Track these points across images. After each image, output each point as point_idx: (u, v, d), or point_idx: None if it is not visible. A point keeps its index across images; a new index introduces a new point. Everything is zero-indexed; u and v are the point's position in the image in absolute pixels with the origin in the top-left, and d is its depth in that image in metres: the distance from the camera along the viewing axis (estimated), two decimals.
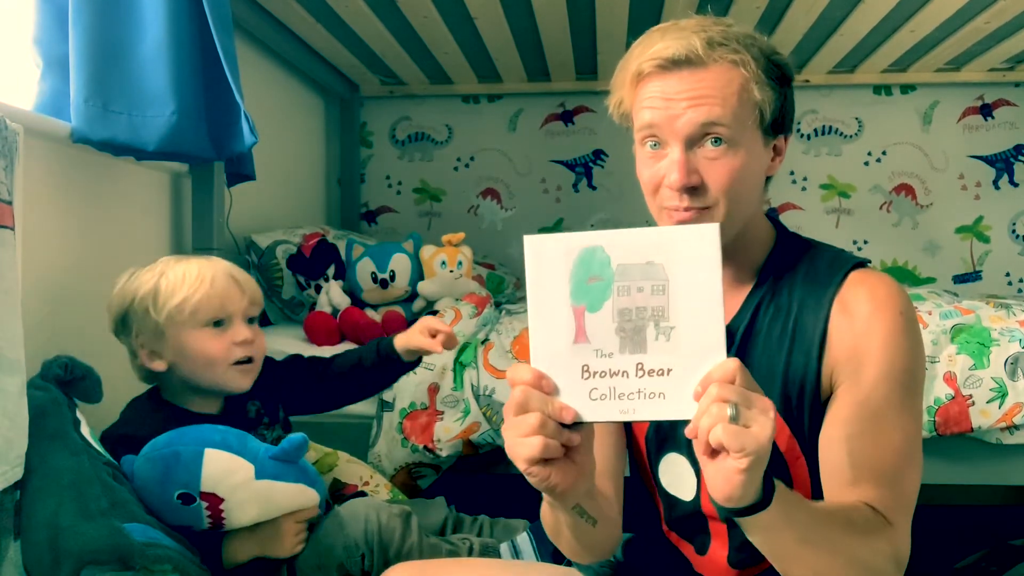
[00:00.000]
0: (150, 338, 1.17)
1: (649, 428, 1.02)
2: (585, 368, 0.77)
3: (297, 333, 1.90)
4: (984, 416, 1.57)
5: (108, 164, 1.44)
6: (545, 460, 0.75)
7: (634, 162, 0.96)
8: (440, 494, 1.50)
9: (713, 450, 0.71)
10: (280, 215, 2.39)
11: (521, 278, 2.74)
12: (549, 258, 0.78)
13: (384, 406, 1.71)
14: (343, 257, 2.01)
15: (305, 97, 2.73)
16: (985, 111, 2.84)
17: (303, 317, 1.94)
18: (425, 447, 1.65)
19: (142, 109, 1.33)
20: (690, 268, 0.75)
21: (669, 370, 0.75)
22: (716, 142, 0.89)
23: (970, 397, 1.57)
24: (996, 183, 2.85)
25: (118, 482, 1.02)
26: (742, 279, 0.99)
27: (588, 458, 0.79)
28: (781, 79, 0.92)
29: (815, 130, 2.89)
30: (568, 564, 1.14)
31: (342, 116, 2.95)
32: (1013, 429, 1.58)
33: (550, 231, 2.99)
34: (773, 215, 1.06)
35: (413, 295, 1.95)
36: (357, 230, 2.91)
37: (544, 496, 0.84)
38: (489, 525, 1.41)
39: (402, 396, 1.69)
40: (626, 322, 0.76)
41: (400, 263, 1.92)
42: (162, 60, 1.32)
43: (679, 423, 0.85)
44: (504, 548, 1.32)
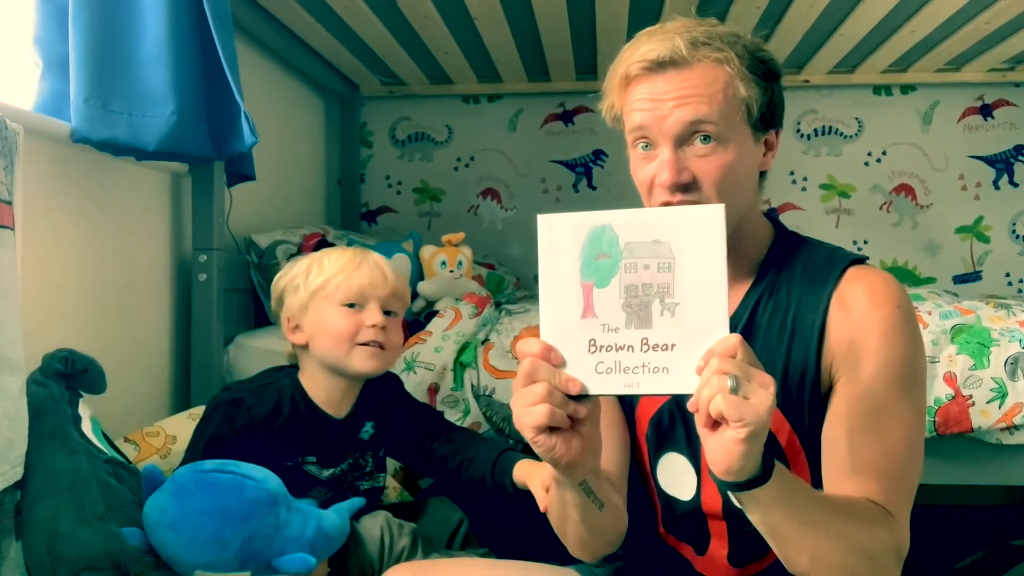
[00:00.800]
0: (296, 311, 1.26)
1: (649, 427, 1.03)
2: (592, 342, 0.78)
3: None
4: (984, 416, 1.57)
5: (108, 164, 1.45)
6: (551, 430, 0.76)
7: None
8: (440, 494, 1.50)
9: (714, 423, 0.72)
10: (280, 215, 2.39)
11: (521, 278, 2.75)
12: (560, 236, 0.80)
13: None
14: None
15: (305, 97, 2.73)
16: (985, 111, 2.84)
17: None
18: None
19: (142, 109, 1.33)
20: (695, 247, 0.76)
21: (673, 345, 0.76)
22: (705, 139, 0.90)
23: (970, 397, 1.57)
24: (996, 183, 2.84)
25: (119, 481, 1.02)
26: (740, 275, 1.00)
27: (595, 432, 0.80)
28: (767, 75, 0.93)
29: (815, 130, 2.89)
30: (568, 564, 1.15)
31: (342, 116, 2.95)
32: (1013, 429, 1.58)
33: None
34: (773, 214, 1.06)
35: (413, 295, 1.95)
36: (357, 230, 2.91)
37: (553, 476, 0.86)
38: None
39: None
40: (632, 298, 0.78)
41: (400, 263, 1.92)
42: (162, 60, 1.32)
43: (678, 421, 0.86)
44: None
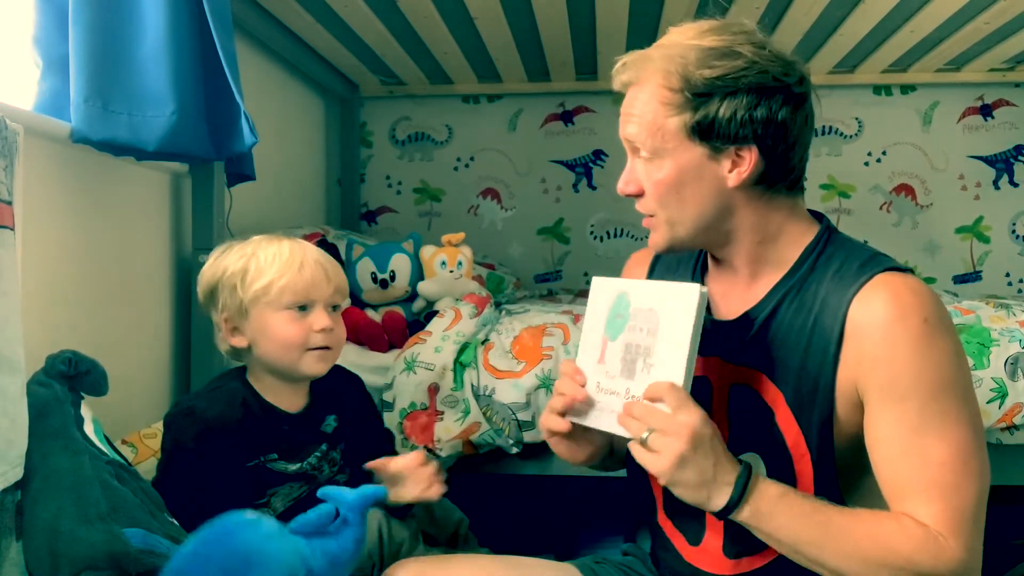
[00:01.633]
0: (234, 314, 1.19)
1: (732, 420, 1.04)
2: (598, 384, 0.97)
3: None
4: (984, 416, 1.57)
5: (108, 164, 1.44)
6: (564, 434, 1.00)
7: None
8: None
9: None
10: (280, 215, 2.39)
11: (521, 278, 2.76)
12: (598, 296, 1.00)
13: (384, 406, 1.71)
14: (343, 257, 2.01)
15: (305, 97, 2.73)
16: (985, 111, 2.84)
17: None
18: (425, 447, 1.65)
19: (142, 109, 1.33)
20: (673, 317, 0.90)
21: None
22: (646, 154, 0.97)
23: None
24: (996, 183, 2.85)
25: (121, 482, 1.02)
26: (765, 270, 1.01)
27: (598, 442, 1.04)
28: (718, 89, 0.92)
29: (815, 130, 2.89)
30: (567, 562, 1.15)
31: (342, 116, 2.95)
32: (1013, 429, 1.58)
33: (550, 231, 3.00)
34: (817, 213, 1.07)
35: (413, 295, 1.95)
36: (357, 230, 2.91)
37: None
38: None
39: (402, 396, 1.69)
40: (628, 354, 0.94)
41: (400, 263, 1.92)
42: (162, 60, 1.32)
43: (766, 416, 0.99)
44: None
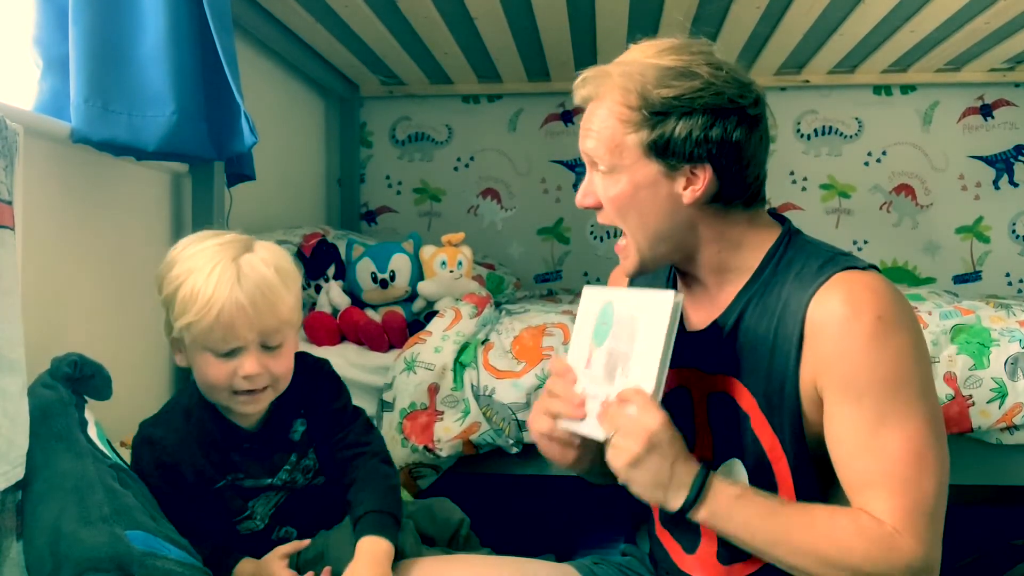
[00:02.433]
0: (175, 335, 1.11)
1: (713, 429, 1.05)
2: (584, 389, 0.98)
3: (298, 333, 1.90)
4: (984, 416, 1.57)
5: (108, 164, 1.44)
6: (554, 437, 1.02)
7: None
8: (440, 494, 1.50)
9: None
10: (280, 215, 2.39)
11: (521, 278, 2.76)
12: (588, 305, 1.03)
13: (384, 406, 1.71)
14: (343, 257, 2.01)
15: (305, 97, 2.73)
16: (985, 111, 2.84)
17: (303, 317, 1.94)
18: (425, 447, 1.65)
19: (142, 109, 1.32)
20: (648, 324, 0.93)
21: None
22: (604, 168, 0.99)
23: (970, 397, 1.57)
24: (996, 183, 2.85)
25: (123, 486, 1.01)
26: (729, 278, 1.02)
27: (579, 448, 1.03)
28: (674, 108, 0.93)
29: (815, 130, 2.89)
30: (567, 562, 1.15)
31: (342, 116, 2.95)
32: (1013, 429, 1.58)
33: (550, 231, 3.00)
34: (778, 215, 1.07)
35: (413, 295, 1.95)
36: (357, 230, 2.91)
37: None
38: None
39: (402, 396, 1.69)
40: (610, 360, 0.97)
41: (400, 263, 1.92)
42: (162, 60, 1.32)
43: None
44: None
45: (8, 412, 0.93)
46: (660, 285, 1.12)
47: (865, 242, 2.89)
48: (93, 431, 1.06)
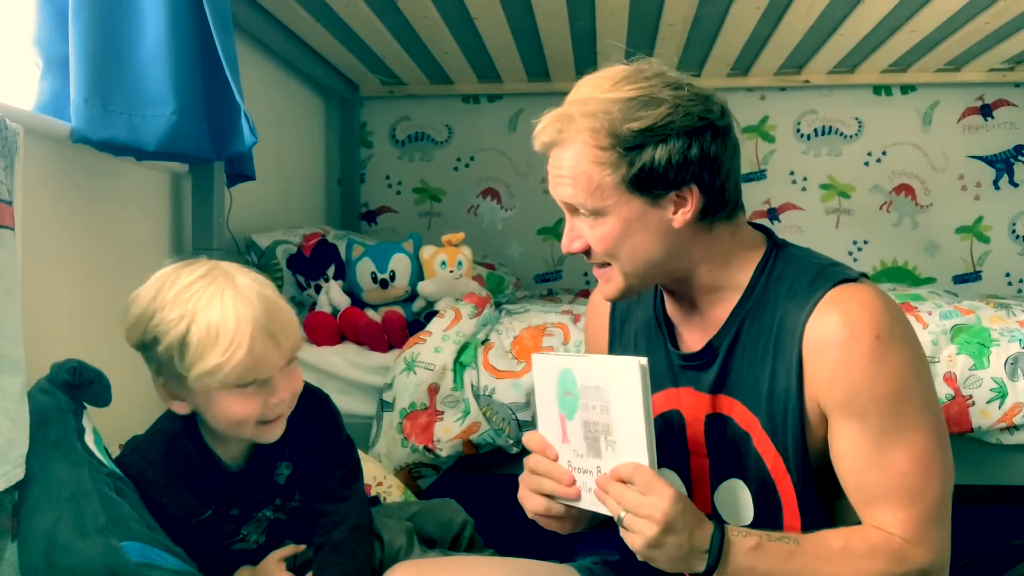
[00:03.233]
0: (173, 383, 1.02)
1: (710, 449, 1.05)
2: (569, 463, 0.96)
3: None
4: (984, 416, 1.57)
5: (108, 164, 1.44)
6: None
7: None
8: (440, 495, 1.50)
9: None
10: (280, 215, 2.39)
11: (521, 278, 2.76)
12: (542, 373, 0.98)
13: (384, 406, 1.71)
14: (343, 257, 2.01)
15: (305, 97, 2.73)
16: (985, 111, 2.84)
17: (303, 317, 1.94)
18: (425, 447, 1.65)
19: (142, 109, 1.32)
20: (620, 394, 0.89)
21: None
22: (586, 213, 0.96)
23: (970, 397, 1.57)
24: (996, 183, 2.85)
25: (119, 494, 1.01)
26: (721, 296, 1.01)
27: (579, 517, 1.00)
28: (648, 139, 0.92)
29: (815, 130, 2.89)
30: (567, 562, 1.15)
31: (342, 116, 2.95)
32: (1013, 429, 1.58)
33: (550, 231, 3.00)
34: (761, 226, 1.06)
35: (413, 295, 1.95)
36: (357, 230, 2.91)
37: None
38: None
39: (402, 396, 1.69)
40: (588, 432, 0.93)
41: (400, 263, 1.92)
42: (162, 60, 1.32)
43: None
44: None
45: (9, 412, 0.93)
46: (647, 306, 1.11)
47: (865, 242, 2.89)
48: (90, 438, 1.05)
